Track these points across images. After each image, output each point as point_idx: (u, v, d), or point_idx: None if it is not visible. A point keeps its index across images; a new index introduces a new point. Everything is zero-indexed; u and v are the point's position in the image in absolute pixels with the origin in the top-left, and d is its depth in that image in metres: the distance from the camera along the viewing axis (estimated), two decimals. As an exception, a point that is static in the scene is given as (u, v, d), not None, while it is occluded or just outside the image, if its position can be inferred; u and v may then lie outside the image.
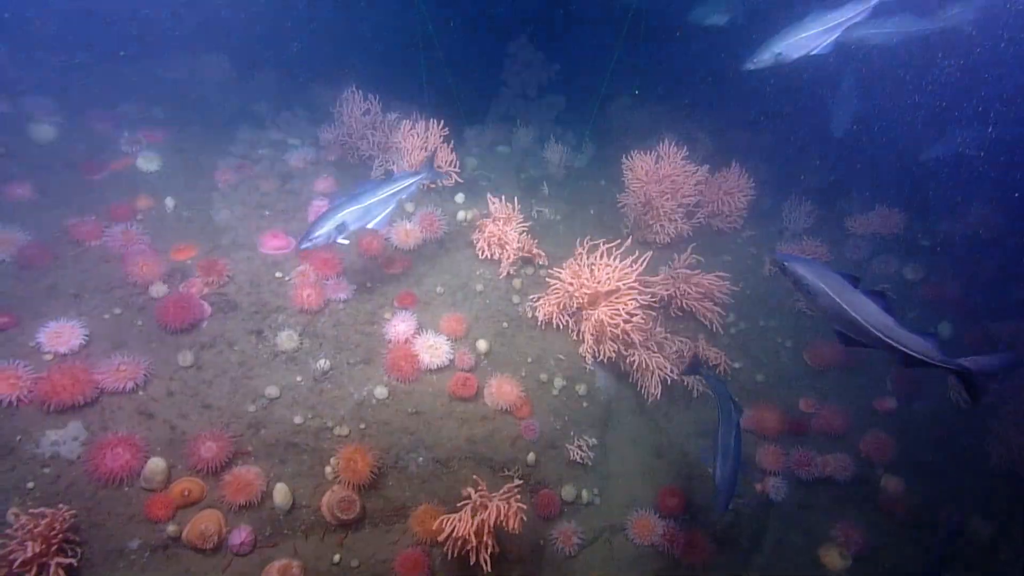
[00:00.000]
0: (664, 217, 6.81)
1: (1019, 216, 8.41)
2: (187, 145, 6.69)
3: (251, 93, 9.40)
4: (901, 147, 9.43)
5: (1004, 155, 8.66)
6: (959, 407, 6.60)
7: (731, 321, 6.86)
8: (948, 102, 8.76)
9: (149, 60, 9.19)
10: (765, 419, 6.26)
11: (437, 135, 6.59)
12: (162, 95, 8.29)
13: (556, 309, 5.74)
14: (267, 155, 6.97)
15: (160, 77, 8.87)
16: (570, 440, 5.46)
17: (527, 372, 5.53)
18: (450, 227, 6.16)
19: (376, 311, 5.30)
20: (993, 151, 9.17)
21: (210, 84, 9.29)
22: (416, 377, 5.02)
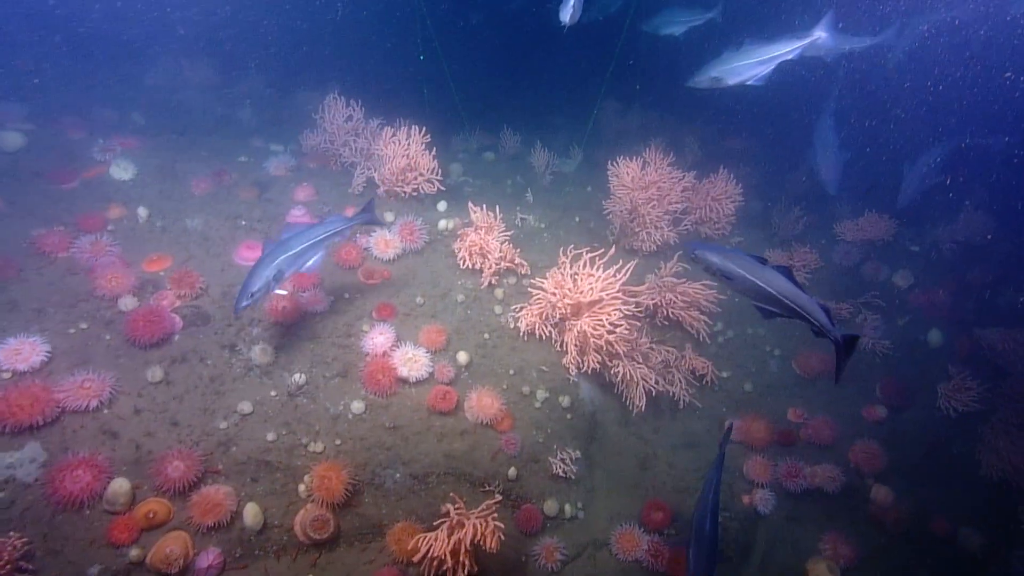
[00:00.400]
0: (650, 224, 6.76)
1: (1010, 221, 8.42)
2: (164, 153, 6.61)
3: (235, 99, 9.34)
4: (891, 152, 9.45)
5: (997, 162, 8.70)
6: (949, 415, 6.57)
7: (719, 330, 6.82)
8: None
9: (131, 64, 9.12)
10: (753, 430, 6.21)
11: (419, 142, 6.52)
12: (142, 101, 8.21)
13: (538, 320, 5.68)
14: (247, 163, 6.90)
15: (141, 82, 8.79)
16: (553, 453, 5.40)
17: (509, 384, 5.47)
18: (431, 236, 6.10)
19: (353, 323, 5.23)
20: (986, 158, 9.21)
21: (193, 89, 9.21)
22: (394, 391, 4.95)
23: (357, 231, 5.63)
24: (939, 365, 6.92)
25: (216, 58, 9.85)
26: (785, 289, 3.43)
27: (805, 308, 3.50)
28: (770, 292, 3.40)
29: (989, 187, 8.54)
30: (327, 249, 4.50)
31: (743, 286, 3.46)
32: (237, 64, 10.12)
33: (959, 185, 9.33)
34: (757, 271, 3.40)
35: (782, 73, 8.19)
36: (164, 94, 8.67)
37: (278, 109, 9.45)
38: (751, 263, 3.39)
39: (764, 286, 3.39)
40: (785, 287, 3.43)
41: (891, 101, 9.09)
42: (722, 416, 6.38)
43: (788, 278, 3.46)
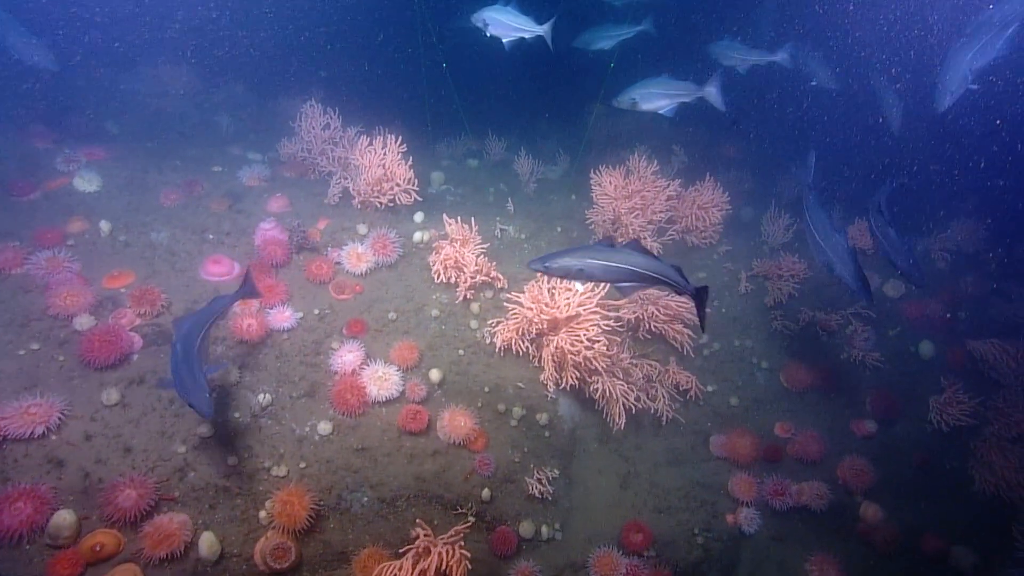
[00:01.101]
0: (633, 235, 6.66)
1: (1002, 231, 8.33)
2: (135, 162, 6.52)
3: (215, 106, 9.25)
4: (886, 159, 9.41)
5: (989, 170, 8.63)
6: (941, 429, 6.47)
7: (704, 342, 6.72)
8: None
9: (108, 70, 9.02)
10: (739, 446, 6.12)
11: (395, 151, 6.43)
12: (117, 108, 8.12)
13: (515, 335, 5.58)
14: (221, 172, 6.81)
15: (118, 88, 8.69)
16: (529, 473, 5.30)
17: (484, 402, 5.38)
18: (405, 249, 6.01)
19: (322, 340, 5.13)
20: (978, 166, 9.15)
21: (172, 96, 9.12)
22: (363, 411, 4.85)
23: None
24: (931, 377, 6.83)
25: (197, 64, 9.77)
26: (641, 262, 3.65)
27: (662, 273, 3.75)
28: (630, 269, 3.62)
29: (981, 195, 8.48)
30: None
31: (604, 274, 3.66)
32: (218, 70, 10.03)
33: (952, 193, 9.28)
34: (612, 255, 3.60)
35: (777, 76, 8.15)
36: (141, 101, 8.58)
37: (260, 116, 9.36)
38: (602, 250, 3.61)
39: (622, 265, 3.59)
40: (640, 260, 3.65)
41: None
42: (706, 431, 6.28)
43: (640, 252, 3.69)
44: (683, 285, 3.83)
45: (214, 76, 9.81)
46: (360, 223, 6.05)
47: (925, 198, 9.41)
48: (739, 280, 7.29)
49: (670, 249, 7.43)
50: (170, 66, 9.44)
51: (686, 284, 3.84)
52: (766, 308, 7.14)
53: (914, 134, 10.14)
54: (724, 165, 10.89)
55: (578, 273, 3.59)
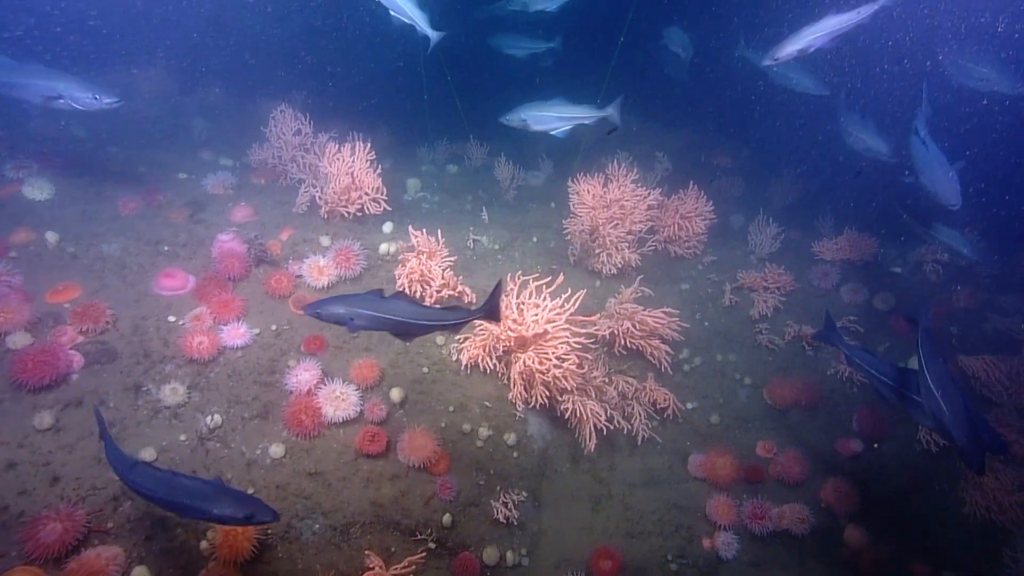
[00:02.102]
0: (611, 246, 6.51)
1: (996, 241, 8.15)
2: (96, 168, 6.38)
3: (190, 109, 9.12)
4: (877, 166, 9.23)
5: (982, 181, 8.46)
6: (929, 449, 6.29)
7: (684, 357, 6.56)
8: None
9: (80, 70, 8.88)
10: (718, 466, 5.95)
11: (363, 159, 6.29)
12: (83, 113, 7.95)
13: (482, 352, 5.43)
14: (186, 179, 6.67)
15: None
16: (495, 496, 5.15)
17: (448, 422, 5.22)
18: (371, 262, 5.85)
19: (279, 358, 4.99)
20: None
21: (145, 99, 8.99)
22: (318, 432, 4.71)
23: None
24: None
25: (173, 66, 9.64)
26: (410, 312, 3.73)
27: (436, 319, 3.86)
28: (399, 320, 3.69)
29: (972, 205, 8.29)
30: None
31: (374, 324, 3.69)
32: (195, 72, 9.90)
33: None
34: (381, 306, 3.66)
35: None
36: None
37: (237, 120, 9.22)
38: (373, 300, 3.64)
39: (392, 316, 3.67)
40: (410, 310, 3.72)
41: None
42: (685, 451, 6.12)
43: (408, 301, 3.77)
44: (473, 314, 3.96)
45: (191, 78, 9.68)
46: (323, 235, 5.90)
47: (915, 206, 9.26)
48: (723, 292, 7.12)
49: (653, 260, 7.28)
50: (144, 68, 9.32)
51: (474, 311, 3.99)
52: (751, 321, 6.98)
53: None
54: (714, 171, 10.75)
55: (349, 322, 3.58)
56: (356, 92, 12.06)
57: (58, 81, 5.04)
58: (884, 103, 8.80)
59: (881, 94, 9.18)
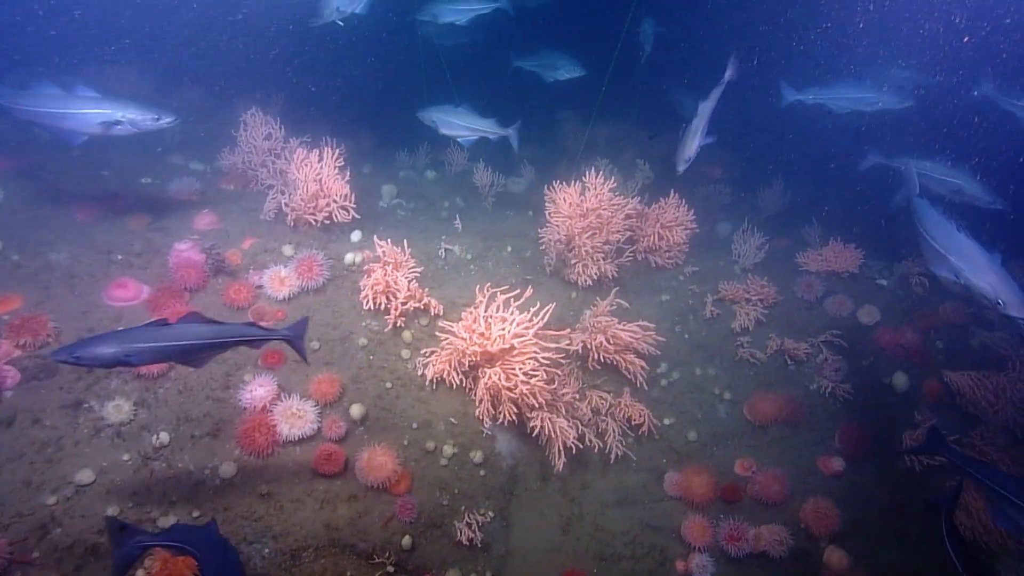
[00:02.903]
0: (587, 256, 6.37)
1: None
2: (54, 173, 6.24)
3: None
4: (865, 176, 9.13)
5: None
6: (914, 468, 6.16)
7: (662, 371, 6.43)
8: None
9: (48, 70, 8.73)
10: (694, 485, 5.82)
11: (331, 165, 6.15)
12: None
13: (448, 367, 5.30)
14: (149, 184, 6.53)
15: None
16: (459, 517, 5.02)
17: (410, 440, 5.09)
18: (335, 272, 5.71)
19: (234, 373, 4.85)
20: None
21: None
22: (272, 451, 4.57)
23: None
24: (905, 412, 6.53)
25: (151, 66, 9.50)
26: (206, 332, 3.52)
27: (237, 335, 3.68)
28: (191, 344, 3.47)
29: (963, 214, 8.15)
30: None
31: (161, 357, 3.49)
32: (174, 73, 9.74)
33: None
34: (166, 334, 3.41)
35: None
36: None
37: (214, 122, 9.06)
38: (153, 330, 3.39)
39: (182, 342, 3.43)
40: (204, 330, 3.52)
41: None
42: (661, 469, 5.98)
43: (202, 321, 3.57)
44: (275, 334, 3.83)
45: (168, 79, 9.52)
46: (287, 243, 5.76)
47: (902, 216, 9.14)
48: (705, 304, 6.99)
49: (632, 270, 7.16)
50: (118, 67, 9.17)
51: (276, 332, 3.86)
52: (732, 334, 6.84)
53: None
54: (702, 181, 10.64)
55: (126, 360, 3.23)
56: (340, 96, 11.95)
57: (115, 106, 4.84)
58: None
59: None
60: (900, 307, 7.19)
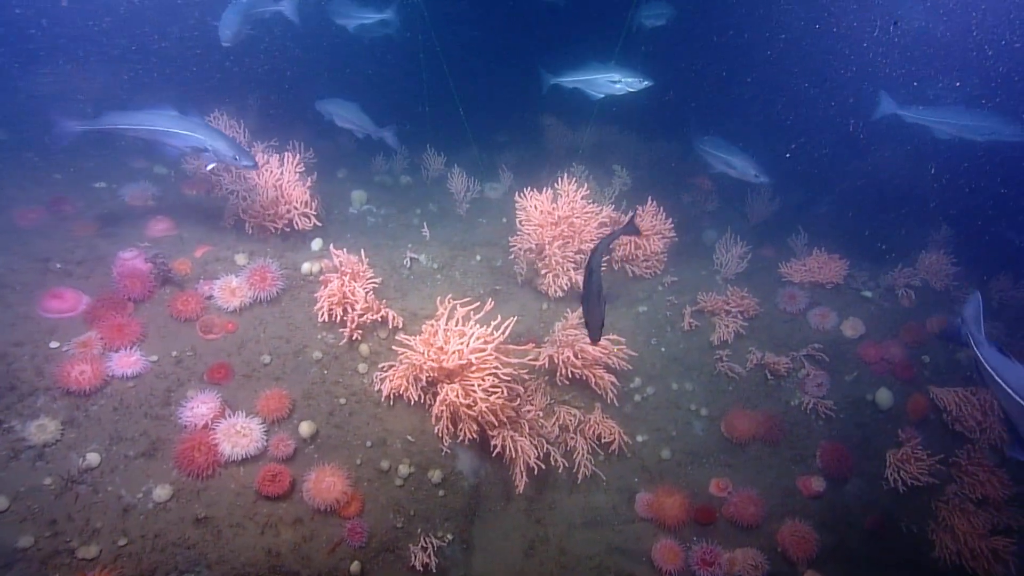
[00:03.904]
0: (557, 266, 6.15)
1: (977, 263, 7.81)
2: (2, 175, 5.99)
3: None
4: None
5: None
6: (898, 489, 5.91)
7: (636, 386, 6.19)
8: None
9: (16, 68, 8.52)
10: (666, 506, 5.58)
11: (292, 170, 5.93)
12: (13, 112, 7.60)
13: (405, 382, 5.06)
14: (103, 189, 6.30)
15: (20, 89, 8.17)
16: (415, 540, 4.78)
17: (364, 459, 4.85)
18: (292, 282, 5.48)
19: (176, 389, 4.60)
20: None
21: (87, 100, 8.64)
22: (212, 472, 4.33)
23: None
24: (888, 429, 6.28)
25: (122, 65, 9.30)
26: None
27: None
28: None
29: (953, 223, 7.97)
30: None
31: None
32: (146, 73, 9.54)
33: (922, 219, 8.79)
34: None
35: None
36: (47, 104, 8.06)
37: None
38: None
39: None
40: None
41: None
42: (633, 488, 5.74)
43: None
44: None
45: (140, 80, 9.32)
46: (239, 252, 5.52)
47: (892, 225, 8.96)
48: (683, 315, 6.75)
49: (609, 280, 6.95)
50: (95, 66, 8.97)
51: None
52: (711, 347, 6.60)
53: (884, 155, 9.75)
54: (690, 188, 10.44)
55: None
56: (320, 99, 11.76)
57: (209, 136, 5.14)
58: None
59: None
60: (886, 320, 6.95)
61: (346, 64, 12.18)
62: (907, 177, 9.74)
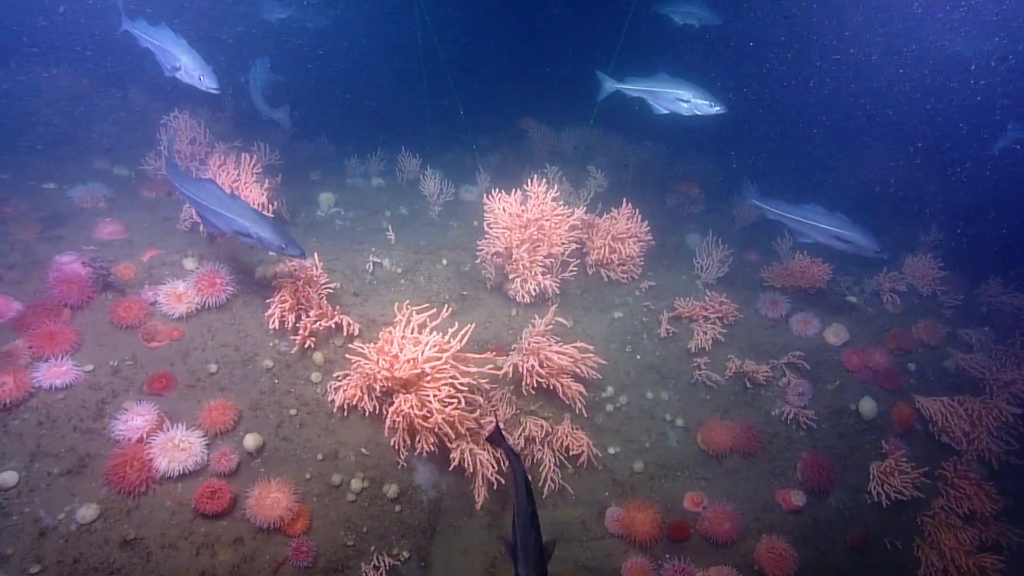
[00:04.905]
0: (525, 271, 5.90)
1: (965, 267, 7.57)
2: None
3: (102, 112, 8.51)
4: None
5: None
6: (881, 503, 5.65)
7: (608, 395, 5.93)
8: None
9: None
10: (637, 522, 5.32)
11: (249, 171, 5.70)
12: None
13: (360, 392, 4.81)
14: (52, 190, 6.06)
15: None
16: (367, 558, 4.53)
17: (314, 473, 4.60)
18: (245, 287, 5.23)
19: (111, 400, 4.36)
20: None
21: (50, 101, 8.41)
22: (145, 488, 4.08)
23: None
24: (872, 440, 6.04)
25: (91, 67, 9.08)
26: None
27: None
28: None
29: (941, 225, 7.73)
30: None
31: None
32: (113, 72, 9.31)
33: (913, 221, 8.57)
34: None
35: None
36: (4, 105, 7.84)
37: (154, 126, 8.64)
38: None
39: None
40: None
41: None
42: (604, 503, 5.48)
43: None
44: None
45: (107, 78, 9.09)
46: (188, 256, 5.28)
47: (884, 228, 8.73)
48: (660, 322, 6.49)
49: (583, 285, 6.68)
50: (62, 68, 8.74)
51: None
52: (688, 355, 6.34)
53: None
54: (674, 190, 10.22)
55: None
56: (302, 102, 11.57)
57: (255, 224, 4.52)
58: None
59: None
60: (870, 326, 6.70)
61: (326, 68, 12.02)
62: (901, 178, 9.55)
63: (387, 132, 9.75)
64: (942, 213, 8.61)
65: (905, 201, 9.08)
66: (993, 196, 9.01)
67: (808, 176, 10.49)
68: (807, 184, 10.18)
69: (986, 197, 9.05)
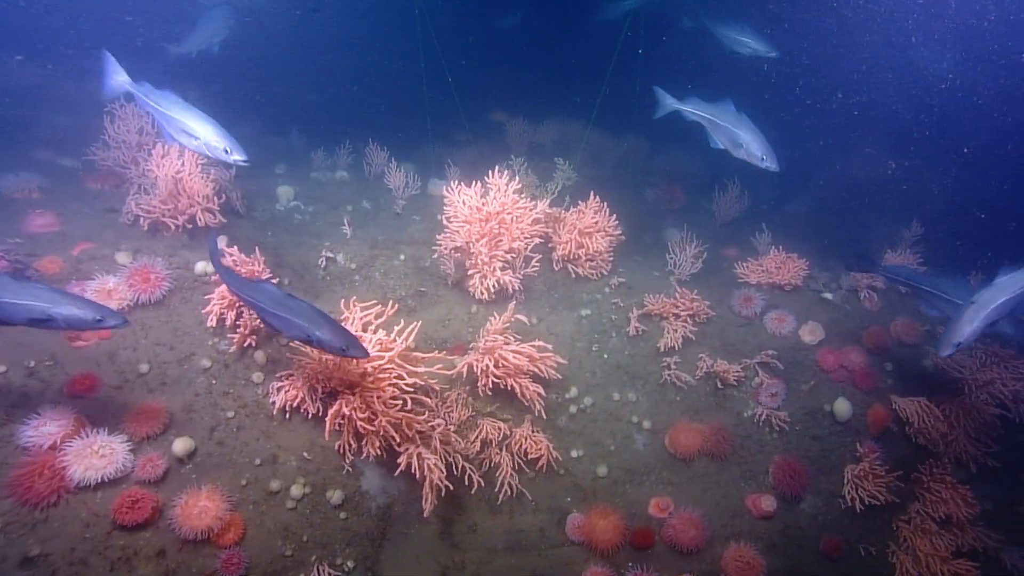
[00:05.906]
0: (483, 266, 5.63)
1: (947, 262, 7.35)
2: None
3: (56, 103, 8.19)
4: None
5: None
6: (855, 508, 5.41)
7: (572, 396, 5.66)
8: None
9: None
10: (599, 528, 5.06)
11: (193, 162, 5.40)
12: None
13: (303, 393, 4.52)
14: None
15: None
16: (307, 569, 4.26)
17: (250, 479, 4.32)
18: (184, 283, 4.93)
19: (22, 404, 4.05)
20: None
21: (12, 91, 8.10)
22: (56, 499, 3.78)
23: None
24: (847, 443, 5.78)
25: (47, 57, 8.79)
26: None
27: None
28: None
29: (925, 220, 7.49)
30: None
31: None
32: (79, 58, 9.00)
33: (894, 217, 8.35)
34: None
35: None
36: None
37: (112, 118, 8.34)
38: None
39: None
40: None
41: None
42: (565, 509, 5.22)
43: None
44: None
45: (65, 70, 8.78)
46: (122, 250, 4.98)
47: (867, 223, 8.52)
48: (629, 319, 6.22)
49: (551, 281, 6.41)
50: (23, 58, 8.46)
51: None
52: (658, 354, 6.07)
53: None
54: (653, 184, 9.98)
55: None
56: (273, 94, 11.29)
57: (313, 324, 3.85)
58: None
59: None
60: (847, 324, 6.44)
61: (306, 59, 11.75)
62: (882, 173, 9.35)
63: (363, 125, 9.47)
64: (925, 208, 8.40)
65: (888, 196, 8.87)
66: (976, 192, 8.81)
67: (795, 166, 10.28)
68: (795, 180, 9.96)
69: (969, 193, 8.85)
